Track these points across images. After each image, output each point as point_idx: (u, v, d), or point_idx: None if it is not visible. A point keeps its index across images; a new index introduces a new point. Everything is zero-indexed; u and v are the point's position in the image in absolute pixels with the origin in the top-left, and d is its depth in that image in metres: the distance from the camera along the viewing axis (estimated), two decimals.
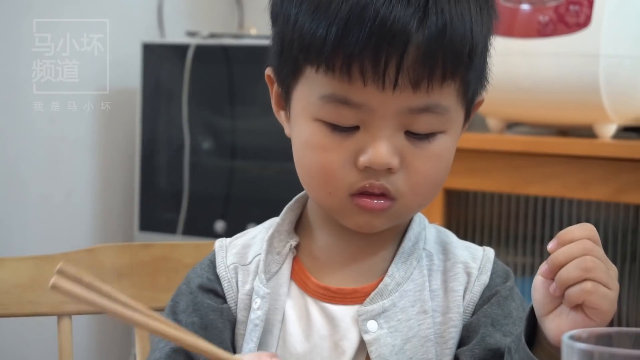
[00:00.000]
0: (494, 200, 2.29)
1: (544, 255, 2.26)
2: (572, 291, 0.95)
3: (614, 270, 0.96)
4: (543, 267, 0.97)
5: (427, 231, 1.14)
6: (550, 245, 0.97)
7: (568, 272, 0.95)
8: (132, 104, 2.90)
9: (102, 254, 1.38)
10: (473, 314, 1.10)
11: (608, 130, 2.11)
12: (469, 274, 1.11)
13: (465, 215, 2.30)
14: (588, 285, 0.94)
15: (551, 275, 0.96)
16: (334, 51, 1.00)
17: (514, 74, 2.11)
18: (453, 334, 1.09)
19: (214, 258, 1.17)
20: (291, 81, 1.07)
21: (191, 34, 2.90)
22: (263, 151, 2.74)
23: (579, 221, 2.21)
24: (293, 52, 1.04)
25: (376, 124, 1.02)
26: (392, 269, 1.10)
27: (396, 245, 1.12)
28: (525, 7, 2.14)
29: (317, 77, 1.03)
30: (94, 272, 1.37)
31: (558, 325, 0.96)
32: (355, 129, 1.03)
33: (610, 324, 0.99)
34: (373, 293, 1.09)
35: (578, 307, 0.95)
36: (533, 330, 1.01)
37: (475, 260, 1.12)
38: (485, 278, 1.10)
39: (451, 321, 1.09)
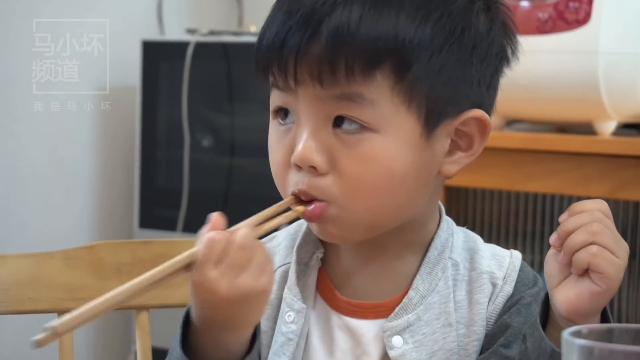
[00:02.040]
0: (493, 197, 2.29)
1: (543, 251, 2.26)
2: (579, 255, 0.96)
3: (624, 244, 0.98)
4: (553, 236, 0.99)
5: (455, 237, 1.12)
6: (561, 216, 0.99)
7: (575, 237, 0.97)
8: (132, 101, 2.91)
9: (101, 251, 1.38)
10: (494, 324, 1.09)
11: (607, 127, 2.11)
12: (494, 285, 1.09)
13: (465, 212, 2.30)
14: (593, 248, 0.96)
15: (560, 243, 0.98)
16: (256, 62, 1.05)
17: (513, 71, 2.11)
18: (476, 347, 1.08)
19: None
20: None
21: (191, 31, 2.90)
22: (262, 148, 2.71)
23: None
24: None
25: (302, 113, 1.03)
26: (417, 281, 1.08)
27: (421, 254, 1.10)
28: (524, 4, 2.14)
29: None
30: (94, 269, 1.37)
31: (566, 294, 0.98)
32: (292, 123, 1.04)
33: (611, 320, 1.00)
34: (397, 308, 1.07)
35: (585, 274, 0.97)
36: (546, 311, 1.02)
37: (502, 268, 1.10)
38: (509, 288, 1.09)
39: (475, 334, 1.08)
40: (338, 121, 1.01)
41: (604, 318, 1.00)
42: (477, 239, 1.15)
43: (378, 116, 1.01)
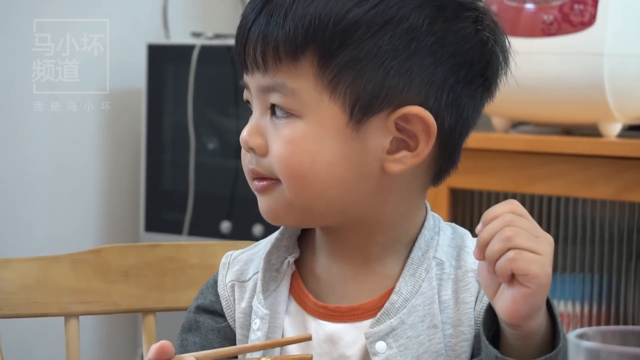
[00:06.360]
0: (498, 199, 2.29)
1: None
2: (499, 264, 0.95)
3: (544, 237, 0.97)
4: (475, 250, 0.98)
5: (441, 235, 1.11)
6: (477, 228, 0.98)
7: (492, 247, 0.96)
8: (138, 104, 2.91)
9: (108, 255, 1.38)
10: None
11: (613, 129, 2.11)
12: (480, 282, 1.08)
13: (470, 214, 2.30)
14: (511, 253, 0.95)
15: (482, 256, 0.97)
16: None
17: (518, 74, 2.10)
18: (465, 348, 1.07)
19: (217, 277, 1.18)
20: None
21: (196, 34, 2.91)
22: None
23: (583, 220, 2.21)
24: None
25: (253, 101, 1.09)
26: (400, 283, 1.08)
27: (405, 255, 1.10)
28: (529, 6, 2.15)
29: None
30: (101, 273, 1.37)
31: (503, 302, 0.97)
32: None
33: (556, 312, 0.99)
34: (380, 313, 1.07)
35: (513, 279, 0.96)
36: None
37: None
38: None
39: (463, 334, 1.07)
40: (274, 108, 1.07)
41: (550, 312, 0.99)
42: (465, 234, 1.13)
43: (299, 103, 1.05)
